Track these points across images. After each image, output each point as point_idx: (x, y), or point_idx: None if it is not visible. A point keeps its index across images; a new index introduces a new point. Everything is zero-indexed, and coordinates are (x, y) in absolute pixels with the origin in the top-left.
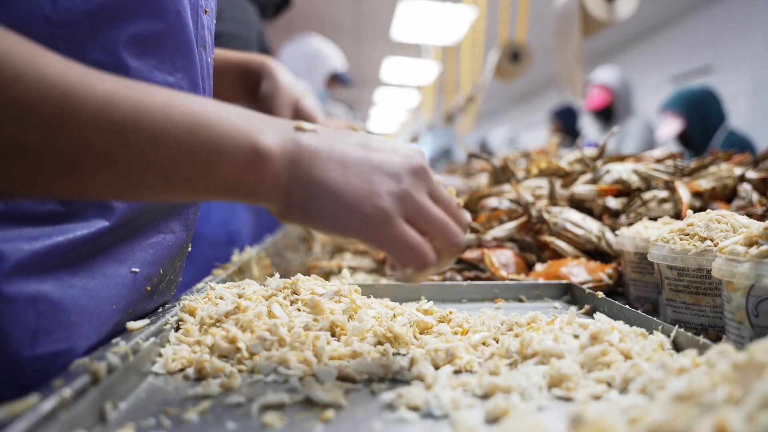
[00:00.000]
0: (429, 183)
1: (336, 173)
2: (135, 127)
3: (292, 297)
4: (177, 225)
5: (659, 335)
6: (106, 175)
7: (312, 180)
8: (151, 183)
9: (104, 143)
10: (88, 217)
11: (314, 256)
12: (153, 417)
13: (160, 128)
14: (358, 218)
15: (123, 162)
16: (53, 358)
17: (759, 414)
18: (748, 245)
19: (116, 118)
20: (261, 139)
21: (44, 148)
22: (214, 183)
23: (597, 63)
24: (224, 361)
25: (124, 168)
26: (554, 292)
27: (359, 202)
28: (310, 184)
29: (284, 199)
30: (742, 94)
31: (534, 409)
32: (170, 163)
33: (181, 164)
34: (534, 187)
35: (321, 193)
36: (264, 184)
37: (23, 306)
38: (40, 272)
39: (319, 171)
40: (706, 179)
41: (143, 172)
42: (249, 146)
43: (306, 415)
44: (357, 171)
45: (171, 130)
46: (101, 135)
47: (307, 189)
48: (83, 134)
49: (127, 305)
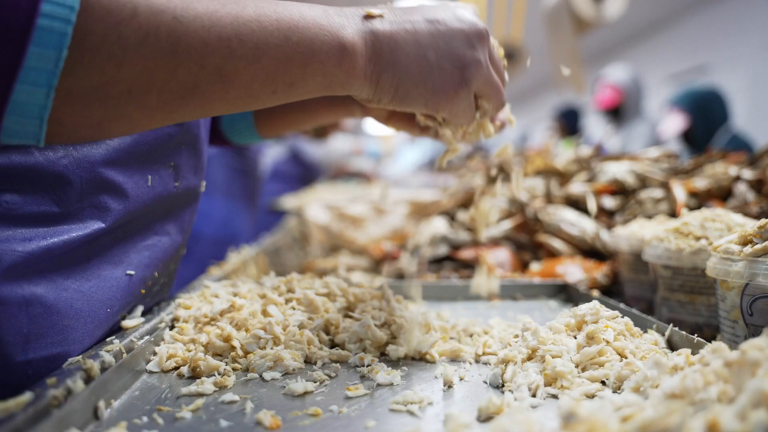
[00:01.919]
0: (490, 47)
1: (416, 55)
2: (239, 41)
3: (287, 295)
4: (172, 227)
5: (654, 334)
6: (221, 90)
7: (398, 65)
8: (259, 90)
9: (216, 60)
10: (84, 219)
11: (311, 255)
12: (146, 415)
13: (258, 38)
14: (443, 96)
15: (234, 75)
16: (47, 363)
17: (751, 412)
18: (743, 244)
19: (222, 35)
20: (344, 34)
21: (167, 74)
22: (312, 81)
23: (595, 61)
24: (219, 360)
25: (235, 81)
26: (549, 291)
27: (443, 80)
28: (397, 70)
29: (374, 87)
30: (739, 94)
31: (527, 407)
32: (273, 69)
33: (282, 69)
34: (530, 186)
35: (408, 77)
36: (355, 75)
37: (16, 309)
38: (33, 274)
39: (401, 56)
40: (701, 179)
41: (252, 82)
42: (337, 43)
43: (299, 413)
44: (433, 47)
45: (269, 39)
46: (212, 53)
47: (395, 75)
48: (197, 55)
49: (121, 308)
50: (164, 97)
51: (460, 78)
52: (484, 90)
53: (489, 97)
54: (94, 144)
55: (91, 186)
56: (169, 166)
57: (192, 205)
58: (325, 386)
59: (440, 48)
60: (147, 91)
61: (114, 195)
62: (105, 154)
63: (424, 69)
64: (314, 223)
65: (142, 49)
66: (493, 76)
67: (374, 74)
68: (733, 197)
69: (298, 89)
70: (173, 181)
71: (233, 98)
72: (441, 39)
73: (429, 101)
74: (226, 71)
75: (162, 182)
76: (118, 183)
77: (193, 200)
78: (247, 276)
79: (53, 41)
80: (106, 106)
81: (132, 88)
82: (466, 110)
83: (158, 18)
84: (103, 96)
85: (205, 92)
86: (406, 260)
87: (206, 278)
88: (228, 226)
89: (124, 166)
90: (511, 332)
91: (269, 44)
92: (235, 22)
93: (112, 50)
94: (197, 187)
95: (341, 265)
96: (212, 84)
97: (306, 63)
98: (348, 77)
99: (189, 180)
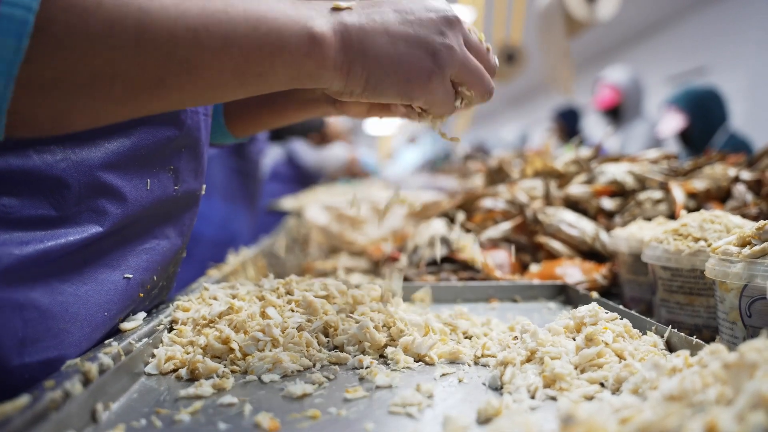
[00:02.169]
0: (464, 32)
1: (386, 45)
2: (206, 31)
3: (286, 297)
4: (172, 231)
5: (652, 335)
6: (188, 81)
7: (368, 55)
8: (227, 82)
9: (183, 51)
10: (82, 223)
11: (310, 257)
12: (144, 418)
13: (226, 29)
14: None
15: (201, 66)
16: (43, 367)
17: (749, 414)
18: (741, 245)
19: (189, 26)
20: (313, 24)
21: (132, 66)
22: (282, 72)
23: (594, 64)
24: (217, 362)
25: (202, 72)
26: (549, 292)
27: (415, 68)
28: (367, 60)
29: (345, 78)
30: (738, 95)
31: (526, 409)
32: (242, 61)
33: (251, 60)
34: (529, 188)
35: (378, 67)
36: (325, 67)
37: (10, 313)
38: (29, 278)
39: (371, 46)
40: (700, 180)
41: (220, 73)
42: (306, 33)
43: (297, 415)
44: (403, 37)
45: (237, 29)
46: (179, 44)
47: (365, 65)
48: (163, 46)
49: (119, 312)
50: (130, 88)
51: (432, 64)
52: (462, 76)
53: (470, 83)
54: (93, 147)
55: (90, 190)
56: (169, 170)
57: (192, 208)
58: (323, 388)
59: (410, 36)
60: (111, 83)
61: (112, 199)
62: (104, 157)
63: (395, 58)
64: (313, 224)
65: (107, 39)
66: (471, 61)
67: (344, 65)
68: (731, 198)
69: (267, 81)
70: (173, 184)
71: (201, 90)
72: (410, 27)
73: (402, 90)
74: (193, 62)
75: (161, 186)
76: (116, 187)
77: (193, 204)
78: (245, 278)
79: (13, 29)
80: (69, 98)
81: (96, 80)
82: (444, 99)
83: (124, 9)
84: (66, 87)
85: (173, 84)
86: (405, 262)
87: (205, 280)
88: (228, 227)
89: (122, 170)
90: (508, 334)
91: (237, 35)
92: (203, 13)
93: (75, 40)
94: (197, 191)
95: (340, 267)
96: (179, 75)
97: (275, 53)
98: (318, 68)
99: (189, 183)
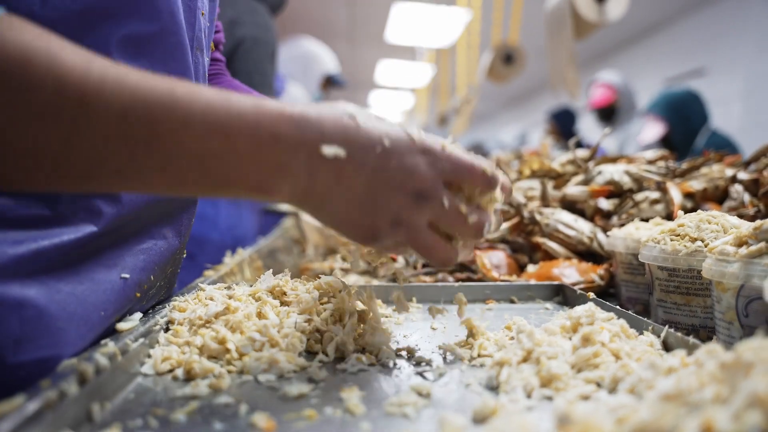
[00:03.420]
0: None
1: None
2: (147, 147)
3: (283, 298)
4: (169, 231)
5: (649, 335)
6: (117, 186)
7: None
8: (160, 191)
9: (118, 160)
10: (76, 222)
11: (307, 258)
12: (140, 417)
13: (174, 152)
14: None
15: (135, 178)
16: (39, 365)
17: (745, 413)
18: (738, 245)
19: (131, 135)
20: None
21: (59, 155)
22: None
23: (592, 65)
24: (213, 362)
25: (135, 182)
26: (546, 293)
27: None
28: (321, 212)
29: (299, 205)
30: (736, 97)
31: (522, 409)
32: (180, 184)
33: (191, 187)
34: (526, 188)
35: (328, 220)
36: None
37: (7, 311)
38: (24, 277)
39: (332, 201)
40: (697, 180)
41: (155, 187)
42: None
43: (293, 415)
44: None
45: (184, 155)
46: (115, 151)
47: (317, 213)
48: (97, 148)
49: (115, 312)
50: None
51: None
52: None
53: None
54: None
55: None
56: None
57: (190, 208)
58: (320, 388)
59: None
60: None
61: (107, 199)
62: None
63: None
64: (310, 225)
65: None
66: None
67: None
68: (729, 199)
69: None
70: None
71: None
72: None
73: (349, 237)
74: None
75: None
76: None
77: (191, 204)
78: (242, 278)
79: None
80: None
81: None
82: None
83: (63, 98)
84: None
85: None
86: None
87: (201, 281)
88: (234, 231)
89: None
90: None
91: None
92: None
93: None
94: None
95: (337, 268)
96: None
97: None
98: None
99: None
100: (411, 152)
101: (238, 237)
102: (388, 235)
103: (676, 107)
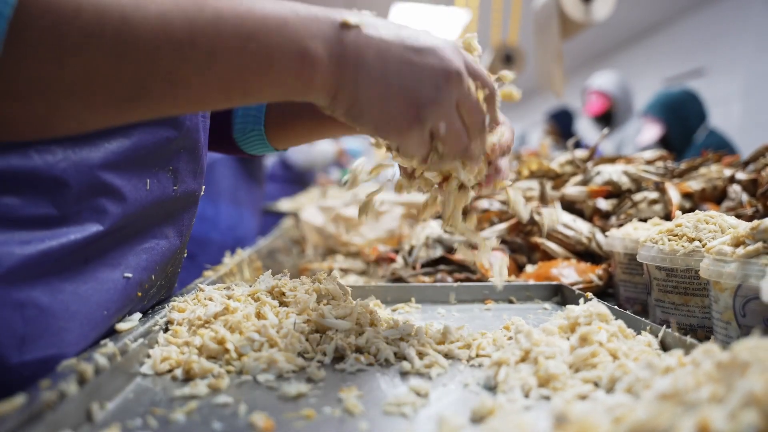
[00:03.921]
0: (461, 90)
1: (378, 80)
2: (191, 45)
3: (282, 298)
4: (171, 231)
5: (647, 335)
6: (171, 94)
7: (359, 85)
8: (211, 97)
9: (165, 64)
10: (82, 222)
11: (306, 258)
12: (140, 417)
13: (213, 44)
14: (394, 127)
15: (184, 80)
16: (42, 365)
17: (741, 412)
18: (735, 245)
19: (174, 39)
20: (308, 45)
21: (111, 76)
22: (268, 90)
23: (591, 65)
24: (212, 362)
25: (185, 86)
26: (544, 293)
27: (397, 114)
28: (356, 88)
29: (330, 99)
30: (735, 97)
31: (520, 408)
32: (227, 77)
33: (237, 77)
34: (525, 188)
35: (365, 98)
36: (313, 87)
37: (11, 311)
38: (30, 277)
39: (364, 76)
40: (696, 180)
41: (203, 88)
42: (298, 55)
43: (292, 415)
44: (398, 76)
45: (224, 44)
46: (161, 56)
47: (351, 94)
48: (145, 58)
49: (117, 311)
50: (110, 97)
51: (415, 115)
52: (442, 134)
53: (445, 141)
54: (93, 147)
55: (90, 189)
56: (168, 171)
57: (191, 209)
58: (318, 388)
59: (404, 79)
60: (91, 91)
61: (112, 198)
62: (103, 157)
63: (383, 95)
64: (309, 225)
65: (84, 48)
66: (455, 122)
67: (332, 88)
68: (727, 199)
69: (253, 96)
70: (172, 185)
71: (183, 102)
72: (408, 69)
73: (379, 128)
74: (176, 76)
75: (161, 186)
76: (116, 186)
77: (192, 204)
78: (241, 279)
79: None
80: (49, 104)
81: (75, 87)
82: (417, 148)
83: (104, 18)
84: (44, 93)
85: (154, 95)
86: (401, 263)
87: (201, 281)
88: (235, 232)
89: (122, 170)
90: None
91: (224, 50)
92: (189, 27)
93: (50, 48)
94: (196, 191)
95: (336, 268)
96: (162, 87)
97: (262, 72)
98: (305, 87)
99: (188, 184)
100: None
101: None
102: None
103: (673, 108)
